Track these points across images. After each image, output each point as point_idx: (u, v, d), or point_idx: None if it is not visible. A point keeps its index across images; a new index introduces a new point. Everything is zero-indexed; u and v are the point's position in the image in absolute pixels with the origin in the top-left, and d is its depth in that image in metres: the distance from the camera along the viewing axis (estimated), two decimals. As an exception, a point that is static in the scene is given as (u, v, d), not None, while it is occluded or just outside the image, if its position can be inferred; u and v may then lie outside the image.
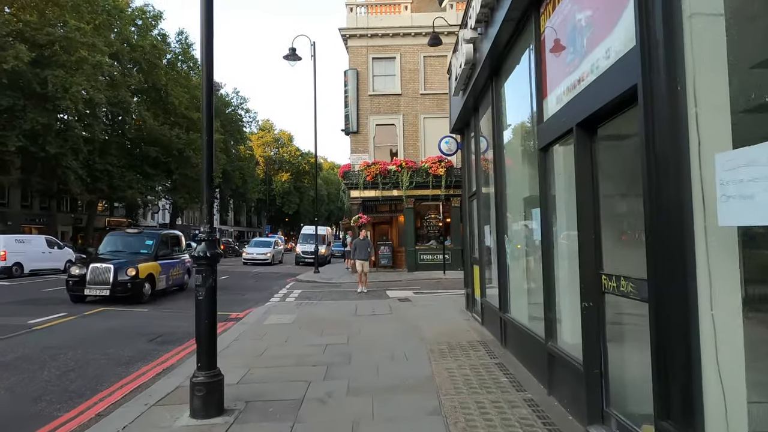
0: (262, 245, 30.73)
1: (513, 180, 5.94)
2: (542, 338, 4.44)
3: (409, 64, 20.67)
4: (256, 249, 29.65)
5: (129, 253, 11.99)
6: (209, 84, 4.06)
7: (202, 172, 4.11)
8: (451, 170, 20.00)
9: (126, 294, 10.84)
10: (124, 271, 10.89)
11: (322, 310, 9.89)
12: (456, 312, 9.27)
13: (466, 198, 9.28)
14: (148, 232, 13.56)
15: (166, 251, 12.88)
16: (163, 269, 12.26)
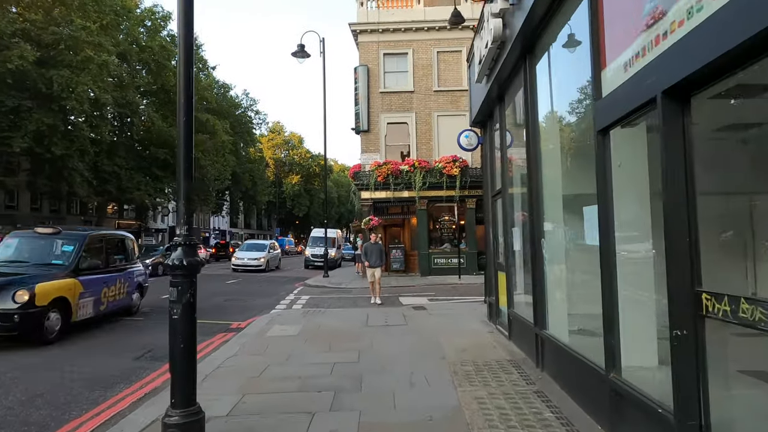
0: (254, 249, 26.15)
1: (552, 175, 5.09)
2: (601, 368, 3.58)
3: (421, 59, 19.86)
4: (248, 253, 25.47)
5: (34, 264, 7.84)
6: (188, 49, 3.29)
7: (178, 160, 3.35)
8: (465, 170, 19.14)
9: (12, 332, 6.75)
10: (9, 296, 6.77)
11: (330, 319, 9.09)
12: (477, 323, 8.41)
13: (488, 198, 8.43)
14: (69, 233, 8.74)
15: (97, 261, 8.61)
16: (88, 289, 8.12)
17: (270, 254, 25.82)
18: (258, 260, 24.43)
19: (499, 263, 7.55)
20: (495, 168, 7.88)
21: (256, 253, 25.10)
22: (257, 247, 26.26)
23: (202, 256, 26.70)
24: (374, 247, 11.77)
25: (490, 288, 8.39)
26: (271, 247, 26.68)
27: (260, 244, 27.08)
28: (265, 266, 24.62)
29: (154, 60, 32.86)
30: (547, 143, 5.23)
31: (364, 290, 15.31)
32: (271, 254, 26.00)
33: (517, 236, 6.39)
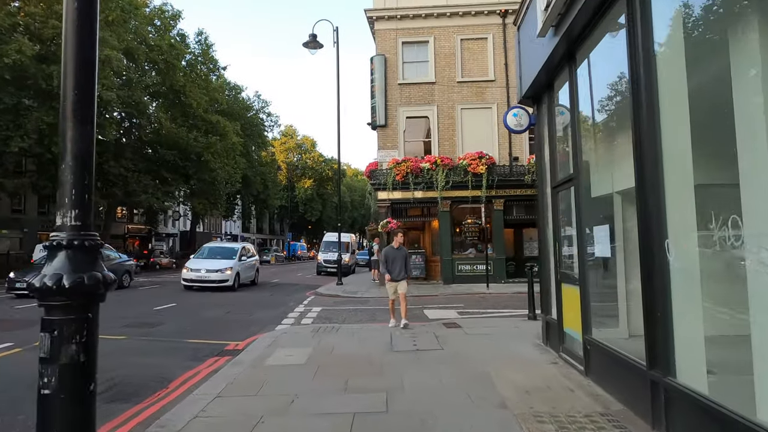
0: (217, 255, 17.45)
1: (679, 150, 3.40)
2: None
3: (443, 48, 18.25)
4: (207, 263, 16.81)
5: None
6: None
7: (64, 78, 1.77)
8: (493, 168, 17.43)
9: None
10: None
11: (346, 340, 7.46)
12: (529, 347, 6.70)
13: (544, 191, 6.74)
14: None
15: None
16: None
17: (241, 263, 17.50)
18: (221, 273, 16.21)
19: (564, 273, 5.85)
20: (556, 153, 6.20)
21: (219, 263, 16.66)
22: (222, 253, 17.61)
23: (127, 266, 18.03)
24: (397, 253, 8.51)
25: (547, 304, 6.68)
26: (243, 252, 18.14)
27: (226, 249, 18.28)
28: (233, 281, 16.36)
29: (163, 59, 31.86)
30: (673, 106, 3.53)
31: (382, 300, 13.65)
32: (243, 263, 17.61)
33: (602, 238, 4.69)
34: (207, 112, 34.69)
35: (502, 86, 17.95)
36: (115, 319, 9.85)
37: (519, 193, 17.64)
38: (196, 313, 10.86)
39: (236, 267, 16.97)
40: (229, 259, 17.14)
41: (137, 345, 7.54)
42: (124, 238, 41.18)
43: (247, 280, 18.23)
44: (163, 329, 8.94)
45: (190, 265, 17.05)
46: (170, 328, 8.99)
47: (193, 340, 7.98)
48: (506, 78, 17.94)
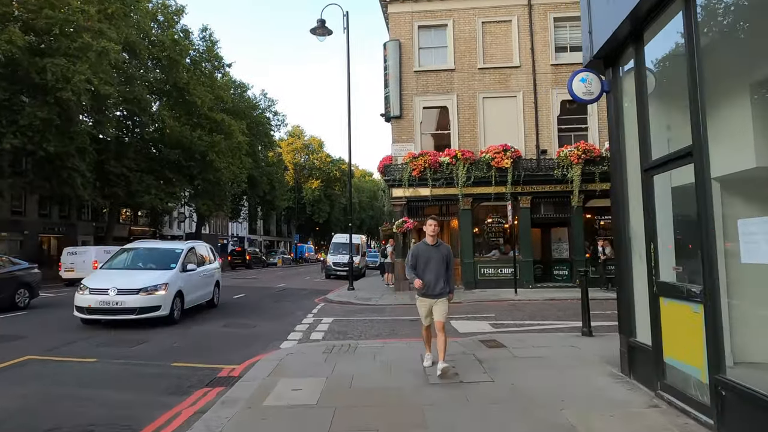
0: (143, 263, 10.69)
1: None
2: None
3: (463, 32, 16.75)
4: (118, 277, 9.68)
5: None
6: None
7: None
8: (518, 162, 15.89)
9: None
10: None
11: (366, 365, 5.99)
12: (607, 378, 5.19)
13: (622, 176, 5.25)
14: None
15: None
16: None
17: (188, 277, 10.61)
18: (145, 294, 9.24)
19: (668, 285, 4.32)
20: (646, 122, 4.68)
21: (144, 276, 9.75)
22: (153, 259, 10.75)
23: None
24: (431, 252, 5.50)
25: (628, 322, 5.16)
26: (189, 258, 11.01)
27: (161, 253, 11.07)
28: (170, 306, 9.59)
29: (166, 56, 30.71)
30: None
31: (399, 309, 12.22)
32: (190, 276, 10.72)
33: (757, 236, 3.18)
34: (212, 110, 33.49)
35: (527, 73, 16.41)
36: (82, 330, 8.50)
37: (547, 190, 16.08)
38: (187, 327, 9.44)
39: (176, 282, 9.83)
40: (164, 270, 9.96)
41: (108, 371, 6.12)
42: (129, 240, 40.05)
43: (199, 300, 11.12)
44: (146, 348, 7.52)
45: (89, 282, 9.53)
46: (154, 347, 7.57)
47: (180, 363, 6.56)
48: (532, 64, 16.41)
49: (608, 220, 17.06)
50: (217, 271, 12.84)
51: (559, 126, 16.43)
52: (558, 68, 16.46)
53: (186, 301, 10.38)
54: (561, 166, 15.72)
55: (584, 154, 15.47)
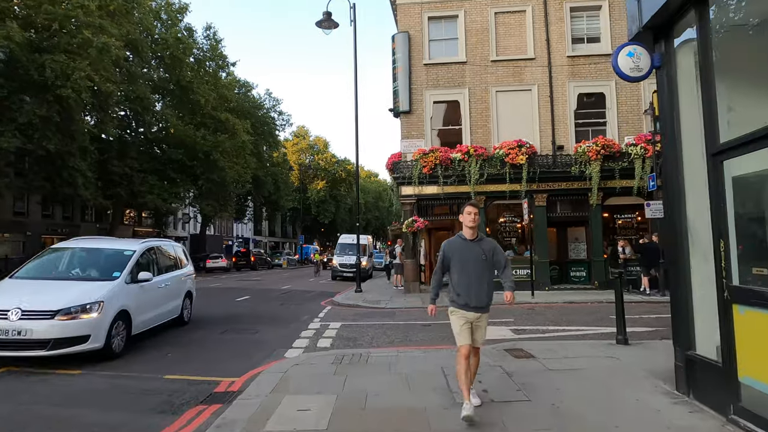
0: (77, 270, 7.49)
1: None
2: None
3: (475, 23, 16.07)
4: (32, 291, 6.56)
5: None
6: None
7: None
8: (534, 158, 15.18)
9: None
10: None
11: (382, 379, 5.32)
12: (661, 397, 4.49)
13: (678, 164, 4.54)
14: None
15: None
16: None
17: (140, 289, 7.51)
18: (64, 320, 6.07)
19: (746, 291, 3.61)
20: (712, 96, 3.98)
21: (64, 292, 6.54)
22: (88, 264, 7.64)
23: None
24: (470, 250, 4.16)
25: (685, 332, 4.45)
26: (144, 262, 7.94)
27: (101, 256, 7.81)
28: (105, 335, 6.40)
29: (169, 54, 30.26)
30: None
31: (411, 313, 11.54)
32: (144, 288, 7.60)
33: None
34: (216, 109, 32.98)
35: (543, 65, 15.70)
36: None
37: (564, 187, 15.35)
38: (183, 333, 8.81)
39: (119, 299, 6.89)
40: (102, 281, 7.06)
41: (93, 386, 5.48)
42: (132, 241, 39.61)
43: (160, 320, 8.24)
44: (137, 357, 6.88)
45: None
46: (146, 356, 6.93)
47: (174, 375, 5.92)
48: (548, 56, 15.69)
49: (628, 219, 16.31)
50: (189, 279, 9.80)
51: (576, 120, 15.70)
52: (574, 60, 15.74)
53: (136, 323, 7.23)
54: (578, 162, 15.00)
55: (603, 149, 14.73)
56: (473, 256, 4.12)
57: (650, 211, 13.20)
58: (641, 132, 15.16)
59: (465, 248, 4.15)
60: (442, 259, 4.23)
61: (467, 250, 4.13)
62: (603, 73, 15.56)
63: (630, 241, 15.42)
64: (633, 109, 15.47)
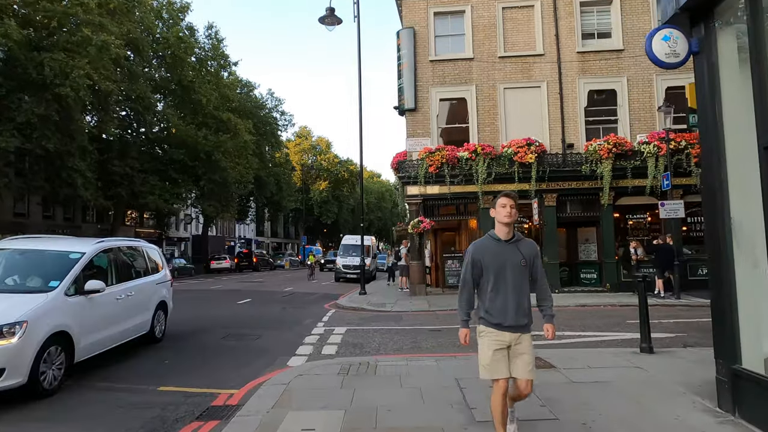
0: None
1: None
2: None
3: (482, 18, 15.67)
4: None
5: None
6: None
7: None
8: (543, 157, 14.77)
9: None
10: None
11: (393, 392, 4.92)
12: (702, 415, 4.08)
13: (720, 154, 4.12)
14: None
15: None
16: None
17: (86, 306, 5.81)
18: None
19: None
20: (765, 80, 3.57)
21: None
22: (21, 270, 6.01)
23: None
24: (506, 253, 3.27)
25: (731, 343, 4.02)
26: (91, 269, 6.19)
27: (39, 259, 6.22)
28: (28, 369, 4.79)
29: (171, 53, 29.97)
30: None
31: (417, 317, 11.16)
32: (94, 305, 5.94)
33: None
34: (218, 109, 32.67)
35: (552, 61, 15.29)
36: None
37: (574, 186, 14.93)
38: (181, 339, 8.44)
39: (53, 317, 5.29)
40: (34, 293, 5.45)
41: (81, 399, 5.09)
42: (134, 242, 39.28)
43: (119, 339, 6.69)
44: (133, 366, 6.51)
45: None
46: (141, 365, 6.56)
47: (169, 386, 5.53)
48: (557, 52, 15.28)
49: (640, 219, 15.86)
50: (163, 287, 8.11)
51: (587, 118, 15.28)
52: (584, 56, 15.33)
53: (81, 347, 5.64)
54: (589, 161, 14.58)
55: (615, 147, 14.31)
56: (510, 262, 3.22)
57: (665, 211, 12.76)
58: (654, 130, 14.73)
59: (500, 252, 3.25)
60: (471, 266, 3.29)
61: (502, 254, 3.24)
62: (614, 69, 15.15)
63: (641, 242, 14.99)
64: (645, 106, 15.04)
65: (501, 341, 3.23)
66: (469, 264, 3.32)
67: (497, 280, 3.23)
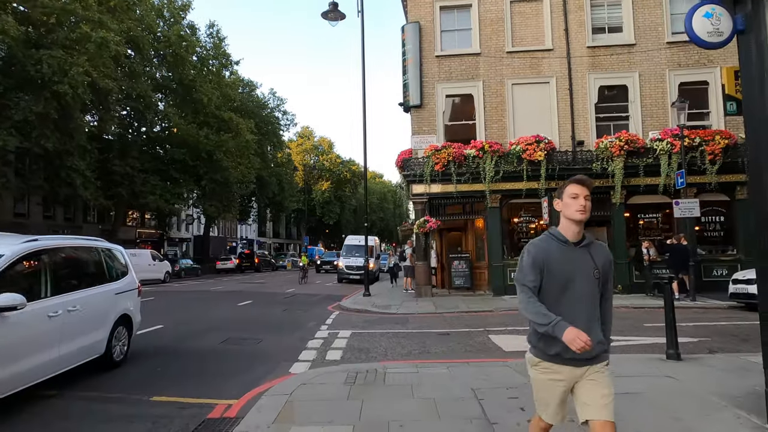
0: None
1: None
2: None
3: (489, 12, 15.27)
4: None
5: None
6: None
7: None
8: (552, 154, 14.36)
9: None
10: None
11: (404, 407, 4.52)
12: (747, 429, 3.66)
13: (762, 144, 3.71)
14: None
15: None
16: None
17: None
18: None
19: None
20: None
21: None
22: None
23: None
24: (576, 259, 2.43)
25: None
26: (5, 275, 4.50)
27: None
28: None
29: (172, 52, 29.65)
30: None
31: (425, 320, 10.75)
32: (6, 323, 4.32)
33: None
34: (219, 108, 32.35)
35: (561, 56, 14.87)
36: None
37: (584, 185, 14.46)
38: (182, 341, 8.07)
39: None
40: None
41: (66, 412, 4.70)
42: (136, 243, 39.04)
43: (57, 367, 5.09)
44: (125, 372, 6.13)
45: None
46: (134, 372, 6.17)
47: (162, 396, 5.13)
48: (567, 46, 14.87)
49: (652, 219, 15.43)
50: (124, 297, 6.52)
51: (597, 114, 14.86)
52: (595, 51, 14.91)
53: None
54: (600, 158, 14.16)
55: (627, 144, 13.89)
56: (581, 273, 2.40)
57: (679, 210, 12.34)
58: (667, 126, 14.30)
59: (568, 258, 2.41)
60: (532, 265, 2.40)
61: (571, 261, 2.40)
62: (625, 64, 14.73)
63: (653, 242, 14.55)
64: (658, 102, 14.61)
65: (561, 379, 2.42)
66: (530, 263, 2.41)
67: (562, 295, 2.37)
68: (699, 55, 14.58)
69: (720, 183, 13.89)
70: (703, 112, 14.72)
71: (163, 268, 25.76)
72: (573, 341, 2.19)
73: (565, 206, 2.44)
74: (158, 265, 25.37)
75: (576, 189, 2.41)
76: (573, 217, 2.40)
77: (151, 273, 24.05)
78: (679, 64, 14.63)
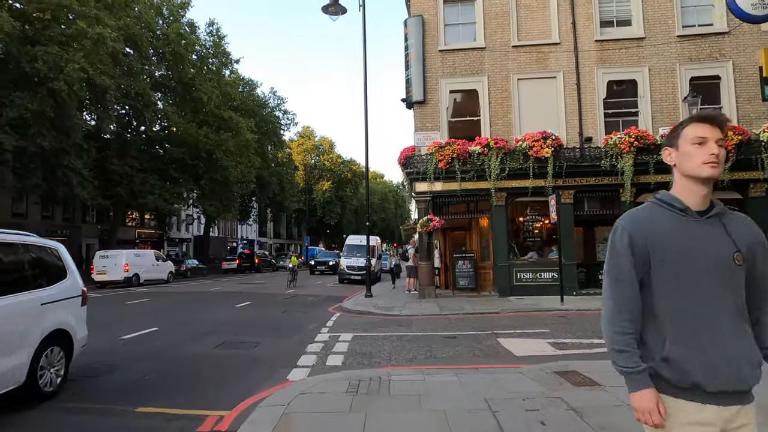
0: None
1: None
2: None
3: (494, 6, 14.87)
4: None
5: None
6: None
7: None
8: (560, 151, 13.95)
9: None
10: None
11: (411, 421, 4.12)
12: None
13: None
14: None
15: None
16: None
17: None
18: None
19: None
20: None
21: None
22: None
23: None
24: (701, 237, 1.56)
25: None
26: None
27: None
28: None
29: (171, 50, 29.32)
30: None
31: (429, 321, 10.35)
32: None
33: None
34: (219, 107, 32.01)
35: (569, 50, 14.47)
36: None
37: (592, 183, 14.10)
38: (175, 345, 7.68)
39: None
40: None
41: (44, 425, 4.31)
42: (135, 243, 38.70)
43: None
44: (112, 380, 5.74)
45: None
46: (120, 379, 5.78)
47: (149, 407, 4.74)
48: (574, 40, 14.46)
49: (662, 217, 14.98)
50: (59, 307, 5.07)
51: (606, 110, 14.44)
52: (603, 45, 14.50)
53: None
54: (609, 155, 13.74)
55: (636, 141, 13.46)
56: (713, 256, 1.56)
57: (692, 208, 11.91)
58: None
59: (689, 233, 1.58)
60: (630, 251, 1.60)
61: (694, 238, 1.57)
62: (634, 58, 14.31)
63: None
64: (668, 97, 14.20)
65: (702, 422, 1.50)
66: (625, 243, 1.60)
67: (687, 291, 1.53)
68: (710, 49, 14.17)
69: (732, 180, 13.47)
70: (714, 108, 14.29)
71: (167, 269, 25.70)
72: (644, 413, 1.50)
73: (684, 157, 1.60)
74: (162, 266, 25.30)
75: (703, 130, 1.59)
76: (699, 172, 1.56)
77: (154, 273, 23.98)
78: (690, 58, 14.22)
